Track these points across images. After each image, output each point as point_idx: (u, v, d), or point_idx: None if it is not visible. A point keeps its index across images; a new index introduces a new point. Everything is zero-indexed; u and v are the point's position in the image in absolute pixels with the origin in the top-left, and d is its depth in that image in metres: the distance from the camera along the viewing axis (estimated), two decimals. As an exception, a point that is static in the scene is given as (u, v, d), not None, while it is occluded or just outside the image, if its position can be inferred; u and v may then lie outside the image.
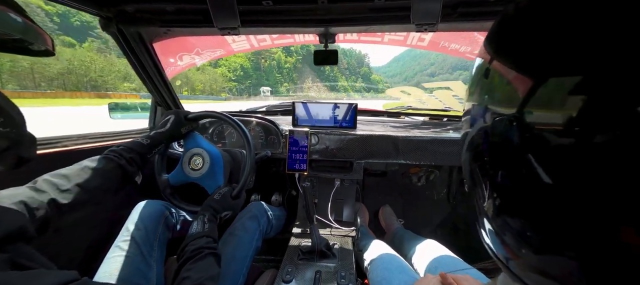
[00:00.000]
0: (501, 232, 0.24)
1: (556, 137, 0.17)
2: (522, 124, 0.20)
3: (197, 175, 0.90)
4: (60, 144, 0.94)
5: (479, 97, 0.26)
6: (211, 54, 1.51)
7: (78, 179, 0.60)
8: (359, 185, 1.56)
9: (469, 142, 0.28)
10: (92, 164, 0.64)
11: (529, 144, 0.19)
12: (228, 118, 0.96)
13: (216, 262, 0.65)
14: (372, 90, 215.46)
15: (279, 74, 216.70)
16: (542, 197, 0.18)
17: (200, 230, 0.69)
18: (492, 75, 0.25)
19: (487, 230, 0.27)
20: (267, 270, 1.05)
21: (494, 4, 0.82)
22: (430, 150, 1.18)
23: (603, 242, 0.16)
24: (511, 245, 0.23)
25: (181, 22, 0.96)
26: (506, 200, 0.23)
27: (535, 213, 0.20)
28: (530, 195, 0.20)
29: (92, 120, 10.76)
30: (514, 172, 0.21)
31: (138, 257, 0.78)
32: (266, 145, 1.30)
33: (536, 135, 0.19)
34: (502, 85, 0.24)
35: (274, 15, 0.91)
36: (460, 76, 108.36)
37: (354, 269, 0.96)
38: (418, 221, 1.62)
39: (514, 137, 0.20)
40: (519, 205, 0.21)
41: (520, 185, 0.20)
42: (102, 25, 0.93)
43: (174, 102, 1.34)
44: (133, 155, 0.72)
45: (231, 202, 0.84)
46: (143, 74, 1.15)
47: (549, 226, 0.19)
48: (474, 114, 0.27)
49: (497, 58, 0.24)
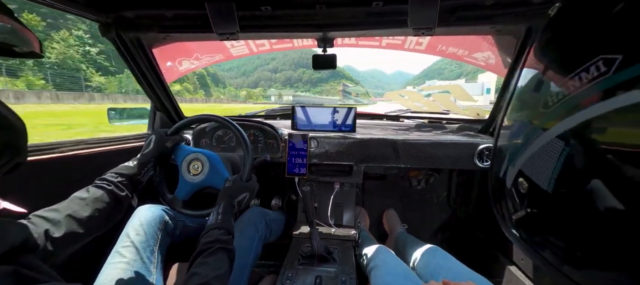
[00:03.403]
0: (540, 248, 0.23)
1: (630, 159, 0.15)
2: (592, 140, 0.18)
3: (201, 178, 0.88)
4: (57, 150, 0.94)
5: (529, 109, 0.25)
6: (210, 58, 1.51)
7: (68, 210, 0.59)
8: (359, 188, 1.55)
9: (511, 137, 0.27)
10: (81, 195, 0.64)
11: (595, 164, 0.17)
12: (218, 118, 0.94)
13: (227, 258, 0.63)
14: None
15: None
16: (609, 221, 0.17)
17: (213, 222, 0.68)
18: (548, 85, 0.23)
19: (520, 243, 0.27)
20: (267, 275, 1.04)
21: (490, 8, 0.83)
22: (429, 154, 1.18)
23: None
24: (552, 260, 0.22)
25: (180, 27, 0.97)
26: (557, 219, 0.22)
27: (595, 234, 0.18)
28: (593, 218, 0.18)
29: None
30: (574, 190, 0.19)
31: (138, 263, 0.77)
32: (265, 149, 1.30)
33: (604, 155, 0.17)
34: (572, 70, 0.22)
35: (273, 20, 0.92)
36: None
37: (355, 274, 0.95)
38: (418, 225, 1.62)
39: (576, 155, 0.18)
40: (576, 225, 0.20)
41: (580, 207, 0.19)
42: (102, 30, 0.94)
43: (173, 107, 1.34)
44: (121, 179, 0.70)
45: (244, 185, 0.81)
46: (142, 79, 1.15)
47: (607, 246, 0.17)
48: (520, 127, 0.26)
49: (552, 68, 0.23)
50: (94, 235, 0.63)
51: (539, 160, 0.28)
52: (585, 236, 0.19)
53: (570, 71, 0.25)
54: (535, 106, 0.30)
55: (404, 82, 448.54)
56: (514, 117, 0.37)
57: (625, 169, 0.16)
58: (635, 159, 0.16)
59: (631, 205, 0.16)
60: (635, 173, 0.15)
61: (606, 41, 0.23)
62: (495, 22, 0.87)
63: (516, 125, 0.35)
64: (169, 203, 0.88)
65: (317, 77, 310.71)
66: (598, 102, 0.21)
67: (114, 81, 31.43)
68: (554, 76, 0.29)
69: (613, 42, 0.22)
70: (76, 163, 0.98)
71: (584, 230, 0.19)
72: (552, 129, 0.26)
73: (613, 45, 0.22)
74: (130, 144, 1.22)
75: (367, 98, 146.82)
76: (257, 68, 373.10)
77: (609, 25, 0.23)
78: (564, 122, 0.24)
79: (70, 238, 0.57)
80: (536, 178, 0.28)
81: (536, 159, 0.29)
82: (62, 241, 0.55)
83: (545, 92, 0.28)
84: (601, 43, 0.24)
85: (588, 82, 0.22)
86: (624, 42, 0.21)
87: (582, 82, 0.23)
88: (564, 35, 0.31)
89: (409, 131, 1.37)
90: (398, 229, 1.46)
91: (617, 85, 0.20)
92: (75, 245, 0.59)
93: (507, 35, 0.99)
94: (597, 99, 0.21)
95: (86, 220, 0.60)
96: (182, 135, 0.95)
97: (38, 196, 0.85)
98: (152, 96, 1.25)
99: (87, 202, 0.63)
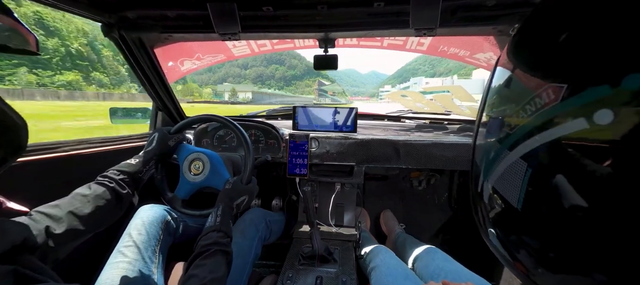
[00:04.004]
0: (514, 249, 0.23)
1: (595, 155, 0.16)
2: (552, 140, 0.18)
3: (202, 178, 0.88)
4: (59, 149, 0.94)
5: (500, 108, 0.25)
6: (212, 58, 1.52)
7: (70, 207, 0.60)
8: (360, 189, 1.55)
9: (484, 153, 0.27)
10: (83, 191, 0.64)
11: (560, 161, 0.18)
12: (220, 118, 0.94)
13: (224, 262, 0.63)
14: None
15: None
16: (573, 219, 0.17)
17: (211, 224, 0.68)
18: (514, 85, 0.24)
19: (496, 243, 0.27)
20: (267, 276, 1.04)
21: (492, 8, 0.83)
22: (431, 155, 1.18)
23: None
24: (526, 262, 0.22)
25: (182, 27, 0.97)
26: (525, 219, 0.22)
27: (562, 234, 0.19)
28: (558, 216, 0.19)
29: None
30: (539, 191, 0.20)
31: (140, 263, 0.77)
32: (266, 149, 1.30)
33: (569, 152, 0.17)
34: (527, 95, 0.23)
35: (274, 20, 0.92)
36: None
37: (356, 274, 0.95)
38: (419, 226, 1.61)
39: (542, 153, 0.19)
40: (543, 225, 0.20)
41: (546, 205, 0.19)
42: (104, 31, 0.94)
43: (175, 107, 1.34)
44: (123, 176, 0.71)
45: (244, 187, 0.81)
46: (144, 79, 1.15)
47: (578, 248, 0.18)
48: (493, 125, 0.26)
49: (520, 66, 0.23)
50: (94, 231, 0.63)
51: (508, 178, 0.29)
52: (556, 239, 0.20)
53: (526, 94, 0.26)
54: (502, 122, 0.31)
55: (379, 82, 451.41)
56: (486, 130, 0.37)
57: (588, 170, 0.17)
58: (596, 177, 0.16)
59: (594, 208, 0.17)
60: (597, 177, 0.16)
61: (554, 70, 0.25)
62: (498, 22, 0.87)
63: (487, 138, 0.36)
64: (168, 201, 0.88)
65: (291, 75, 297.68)
66: (550, 128, 0.22)
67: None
68: (515, 95, 0.30)
69: (561, 71, 0.24)
70: (78, 162, 0.98)
71: (555, 233, 0.20)
72: (517, 149, 0.27)
73: (560, 74, 0.23)
74: (132, 143, 1.23)
75: (344, 97, 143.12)
76: (224, 63, 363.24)
77: (557, 53, 0.24)
78: (528, 142, 0.25)
79: (71, 235, 0.57)
80: (507, 195, 0.29)
81: (506, 177, 0.29)
82: (63, 238, 0.55)
83: (509, 108, 0.28)
84: (551, 70, 0.25)
85: (542, 107, 0.24)
86: (570, 71, 0.23)
87: (537, 107, 0.24)
88: (520, 59, 0.32)
89: (410, 132, 1.36)
90: (396, 230, 1.45)
91: (566, 113, 0.21)
92: (75, 242, 0.59)
93: (510, 36, 0.99)
94: (549, 125, 0.22)
95: (87, 217, 0.61)
96: (185, 135, 0.95)
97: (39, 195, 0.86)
98: (154, 96, 1.25)
99: (88, 198, 0.63)
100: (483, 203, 0.33)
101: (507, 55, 0.32)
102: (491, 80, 0.37)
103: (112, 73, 54.86)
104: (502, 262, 0.28)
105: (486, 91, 0.39)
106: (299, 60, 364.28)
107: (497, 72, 0.34)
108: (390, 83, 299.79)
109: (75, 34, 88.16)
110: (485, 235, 0.33)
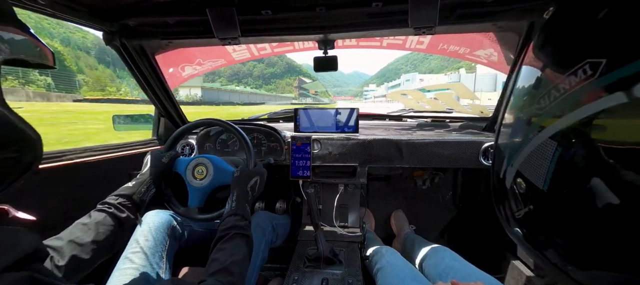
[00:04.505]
0: (542, 247, 0.23)
1: (630, 155, 0.16)
2: (585, 140, 0.18)
3: (209, 180, 0.88)
4: (65, 158, 0.95)
5: (527, 108, 0.26)
6: (212, 63, 1.53)
7: (71, 236, 0.60)
8: (364, 189, 1.55)
9: (510, 137, 0.28)
10: (83, 220, 0.64)
11: (595, 161, 0.18)
12: (214, 121, 0.93)
13: (245, 244, 0.65)
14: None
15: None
16: (607, 217, 0.17)
17: (229, 210, 0.72)
18: (545, 85, 0.25)
19: (523, 242, 0.27)
20: (273, 279, 1.04)
21: (491, 4, 0.82)
22: (434, 153, 1.17)
23: None
24: (555, 259, 0.22)
25: (182, 33, 0.98)
26: (557, 218, 0.22)
27: (592, 224, 0.18)
28: (591, 215, 0.18)
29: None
30: (567, 173, 0.20)
31: (147, 269, 0.78)
32: (269, 152, 1.30)
33: (602, 153, 0.17)
34: (561, 75, 0.23)
35: (274, 23, 0.93)
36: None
37: (361, 276, 0.95)
38: (424, 225, 1.60)
39: (573, 152, 0.19)
40: (575, 223, 0.20)
41: (575, 189, 0.19)
42: (106, 39, 0.95)
43: (177, 113, 1.35)
44: (121, 200, 0.70)
45: (252, 170, 0.84)
46: (146, 86, 1.16)
47: (609, 245, 0.17)
48: (521, 109, 0.26)
49: (554, 47, 0.24)
50: (100, 260, 0.63)
51: (535, 160, 0.29)
52: (586, 235, 0.20)
53: (562, 73, 0.27)
54: (531, 105, 0.32)
55: (361, 81, 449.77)
56: (513, 115, 0.38)
57: (621, 168, 0.16)
58: (629, 157, 0.16)
59: (628, 202, 0.16)
60: (630, 172, 0.16)
61: (592, 45, 0.26)
62: (497, 18, 0.86)
63: (515, 123, 0.36)
64: (184, 216, 0.88)
65: (270, 73, 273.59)
66: (586, 104, 0.23)
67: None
68: (549, 76, 0.31)
69: (598, 46, 0.25)
70: (85, 170, 0.99)
71: (586, 229, 0.20)
72: (547, 129, 0.27)
73: (598, 50, 0.24)
74: (136, 150, 1.23)
75: (327, 97, 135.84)
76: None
77: (595, 30, 0.25)
78: (558, 122, 0.25)
79: (75, 264, 0.57)
80: (533, 178, 0.29)
81: (532, 159, 0.30)
82: (69, 269, 0.55)
83: (541, 92, 0.29)
84: (588, 47, 0.26)
85: (577, 84, 0.24)
86: (608, 47, 0.24)
87: (572, 85, 0.25)
88: (557, 38, 0.33)
89: (412, 131, 1.36)
90: (406, 230, 1.45)
91: (603, 87, 0.22)
92: (81, 273, 0.59)
93: (509, 31, 0.98)
94: (585, 100, 0.23)
95: (89, 245, 0.60)
96: (177, 150, 0.95)
97: (46, 204, 0.87)
98: (156, 102, 1.26)
99: (89, 226, 0.63)
100: (506, 190, 0.33)
101: (539, 38, 0.33)
102: (516, 69, 0.37)
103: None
104: (526, 251, 0.28)
105: (513, 81, 0.39)
106: (279, 58, 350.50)
107: (528, 58, 0.34)
108: (374, 82, 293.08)
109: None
110: (511, 231, 0.33)
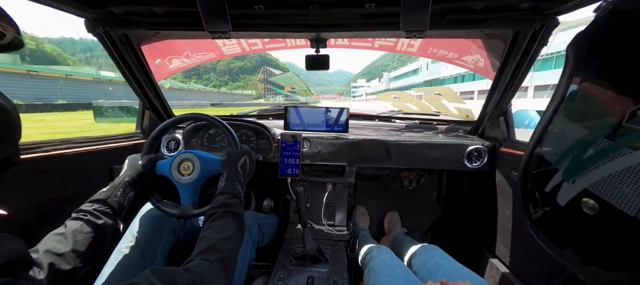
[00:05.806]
0: (592, 262, 0.23)
1: None
2: None
3: (197, 174, 0.85)
4: (40, 149, 0.90)
5: (599, 120, 0.24)
6: (201, 57, 1.49)
7: (46, 246, 0.57)
8: (351, 189, 1.56)
9: (567, 169, 0.27)
10: (58, 230, 0.62)
11: None
12: (195, 115, 0.91)
13: (233, 222, 0.65)
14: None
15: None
16: None
17: (218, 190, 0.72)
18: (582, 97, 0.23)
19: (567, 259, 0.26)
20: (259, 276, 1.03)
21: (479, 12, 0.85)
22: (421, 155, 1.20)
23: None
24: (574, 261, 0.22)
25: (170, 25, 0.95)
26: (590, 227, 0.21)
27: None
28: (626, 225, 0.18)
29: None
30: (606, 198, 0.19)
31: (141, 263, 0.76)
32: (257, 149, 1.29)
33: None
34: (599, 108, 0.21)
35: (266, 19, 0.91)
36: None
37: (347, 274, 0.96)
38: (409, 224, 1.64)
39: None
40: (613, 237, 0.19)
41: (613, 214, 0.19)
42: (88, 27, 0.91)
43: (162, 106, 1.31)
44: (97, 205, 0.67)
45: (239, 151, 0.85)
46: (130, 77, 1.12)
47: None
48: (586, 140, 0.25)
49: (591, 79, 0.22)
50: (83, 270, 0.60)
51: (623, 182, 0.27)
52: None
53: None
54: (608, 117, 0.29)
55: (346, 80, 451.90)
56: (570, 127, 0.34)
57: None
58: None
59: None
60: None
61: None
62: (485, 26, 0.89)
63: (575, 137, 0.33)
64: (181, 215, 0.85)
65: (239, 67, 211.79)
66: None
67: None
68: None
69: None
70: (61, 163, 0.94)
71: None
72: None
73: None
74: (118, 143, 1.19)
75: (308, 95, 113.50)
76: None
77: None
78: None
79: (55, 276, 0.54)
80: (617, 202, 0.28)
81: (618, 180, 0.28)
82: (49, 282, 0.52)
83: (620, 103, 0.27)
84: None
85: None
86: None
87: None
88: None
89: (401, 132, 1.38)
90: (397, 229, 1.48)
91: None
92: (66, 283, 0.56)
93: (496, 39, 1.01)
94: None
95: (69, 254, 0.58)
96: (156, 154, 0.91)
97: (20, 199, 0.82)
98: (141, 94, 1.22)
99: (65, 235, 0.60)
100: (556, 208, 0.31)
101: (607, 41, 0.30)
102: (569, 77, 0.35)
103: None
104: (571, 265, 0.27)
105: (564, 87, 0.37)
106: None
107: (595, 66, 0.31)
108: (362, 79, 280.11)
109: None
110: (560, 253, 0.32)
